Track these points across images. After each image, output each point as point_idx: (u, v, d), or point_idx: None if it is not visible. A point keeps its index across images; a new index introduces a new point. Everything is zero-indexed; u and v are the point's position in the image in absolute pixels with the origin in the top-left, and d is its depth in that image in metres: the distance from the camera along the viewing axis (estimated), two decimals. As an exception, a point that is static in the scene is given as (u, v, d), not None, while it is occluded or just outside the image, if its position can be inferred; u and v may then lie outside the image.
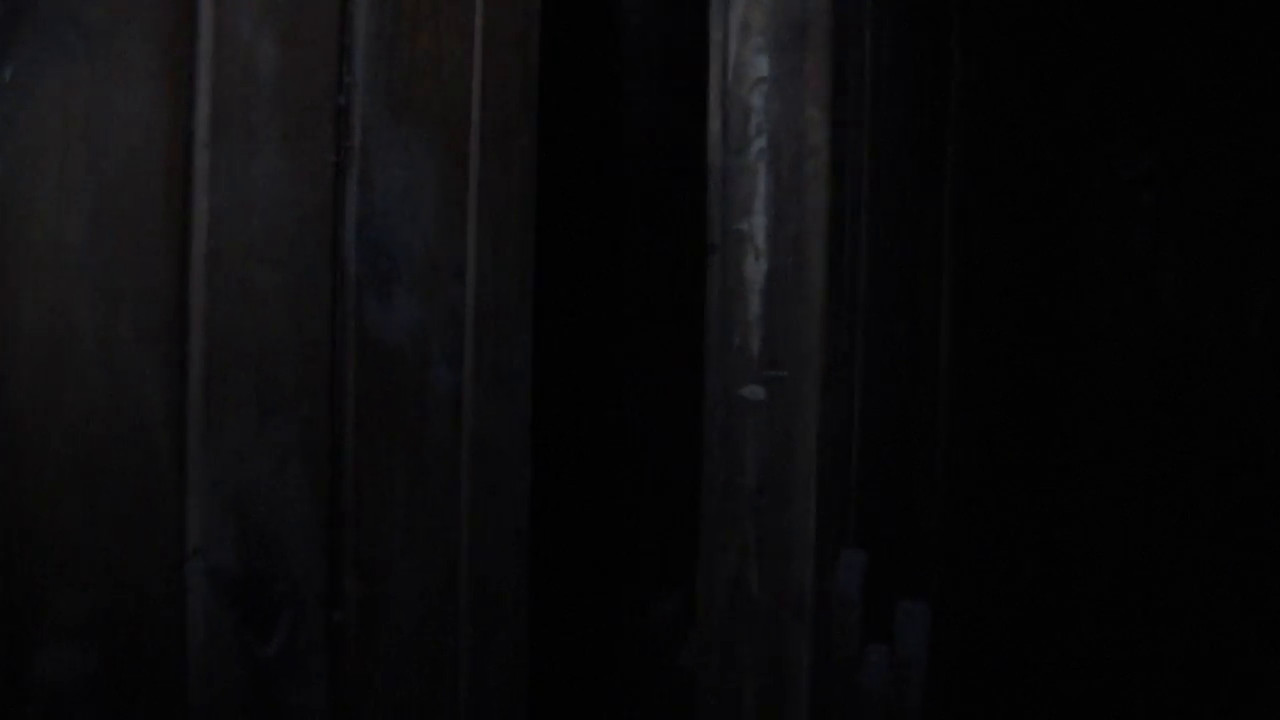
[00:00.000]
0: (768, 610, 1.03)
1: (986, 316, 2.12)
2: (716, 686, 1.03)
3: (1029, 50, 2.32)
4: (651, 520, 2.17)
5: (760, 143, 1.03)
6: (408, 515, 0.87)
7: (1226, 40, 2.38)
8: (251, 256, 0.75)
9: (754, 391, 1.04)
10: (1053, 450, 2.41)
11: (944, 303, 2.09)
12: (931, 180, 1.77)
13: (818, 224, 1.01)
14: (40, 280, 0.62)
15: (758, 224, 1.03)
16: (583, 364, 2.33)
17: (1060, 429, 2.42)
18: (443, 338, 0.88)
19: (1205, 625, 2.13)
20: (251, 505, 0.76)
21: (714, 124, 1.06)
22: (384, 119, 0.83)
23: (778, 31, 1.03)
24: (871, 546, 1.16)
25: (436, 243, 0.87)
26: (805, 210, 1.02)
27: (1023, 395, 2.31)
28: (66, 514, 0.65)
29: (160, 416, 0.71)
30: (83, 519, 0.67)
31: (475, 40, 0.89)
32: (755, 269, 1.03)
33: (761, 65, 1.03)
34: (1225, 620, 1.99)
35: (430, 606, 0.89)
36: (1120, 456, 2.39)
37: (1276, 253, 2.32)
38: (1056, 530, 2.37)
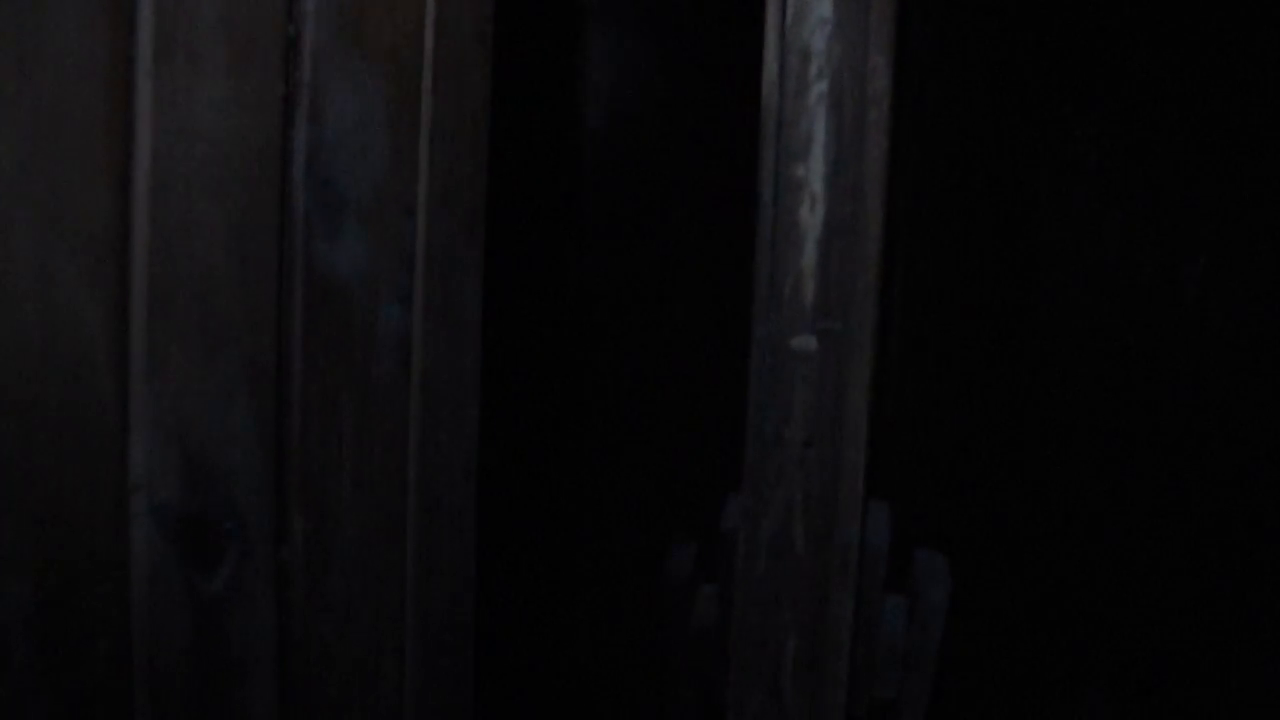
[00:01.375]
0: (811, 566, 1.01)
1: (938, 271, 2.13)
2: (756, 641, 1.03)
3: (980, 11, 2.32)
4: (668, 472, 2.17)
5: (821, 87, 1.00)
6: (356, 452, 0.86)
7: (1175, 3, 2.39)
8: (196, 189, 0.73)
9: (806, 342, 1.01)
10: (998, 403, 2.44)
11: (898, 261, 2.10)
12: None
13: (877, 172, 0.96)
14: (-25, 206, 0.61)
15: (815, 170, 1.00)
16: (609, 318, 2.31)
17: (1006, 383, 2.45)
18: (392, 274, 0.87)
19: (1145, 569, 2.19)
20: (196, 440, 0.76)
21: (770, 65, 1.01)
22: (334, 50, 0.81)
23: None
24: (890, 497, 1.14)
25: (387, 178, 0.86)
26: (865, 158, 1.00)
27: (972, 346, 2.33)
28: (1, 447, 0.65)
29: (102, 349, 0.70)
30: (18, 452, 0.66)
31: (428, -28, 0.87)
32: (811, 217, 1.00)
33: (824, 6, 0.99)
34: (1156, 559, 2.04)
35: (378, 543, 0.89)
36: (1061, 412, 2.43)
37: (1213, 219, 2.35)
38: (1001, 480, 2.41)
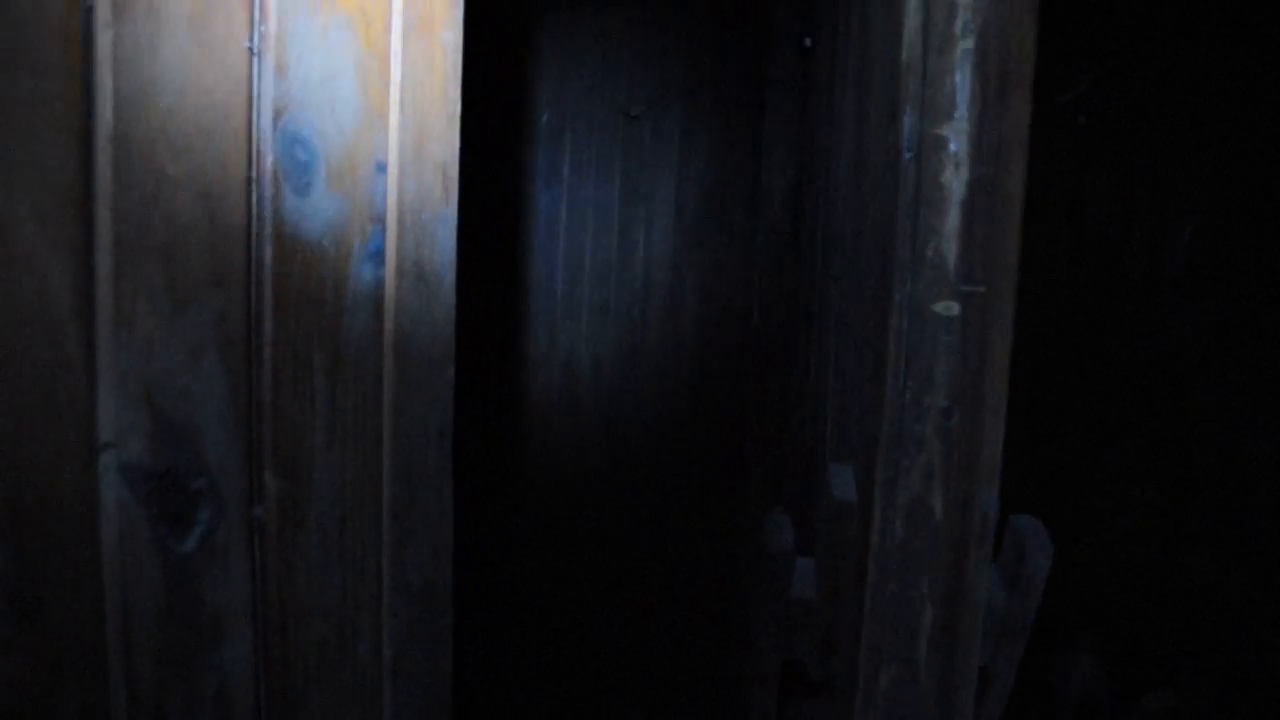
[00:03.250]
0: (950, 534, 0.99)
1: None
2: (891, 611, 1.00)
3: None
4: (764, 447, 2.16)
5: (967, 43, 0.95)
6: (328, 411, 0.86)
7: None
8: (160, 143, 0.72)
9: (948, 306, 0.97)
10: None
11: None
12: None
13: (1020, 134, 0.95)
14: (-69, 156, 0.60)
15: (959, 130, 0.96)
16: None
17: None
18: (364, 232, 0.86)
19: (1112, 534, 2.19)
20: (165, 399, 0.75)
21: (912, 18, 0.96)
22: (301, 3, 0.80)
23: None
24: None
25: (357, 135, 0.85)
26: (1008, 119, 0.96)
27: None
28: (-34, 400, 0.64)
29: (66, 304, 0.69)
30: (-18, 405, 0.65)
31: (396, -75, 0.86)
32: (955, 178, 0.96)
33: None
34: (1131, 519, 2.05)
35: (352, 503, 0.88)
36: (1039, 382, 2.43)
37: (1200, 186, 2.35)
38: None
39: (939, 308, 0.97)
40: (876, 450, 1.00)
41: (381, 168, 0.87)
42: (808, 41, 1.98)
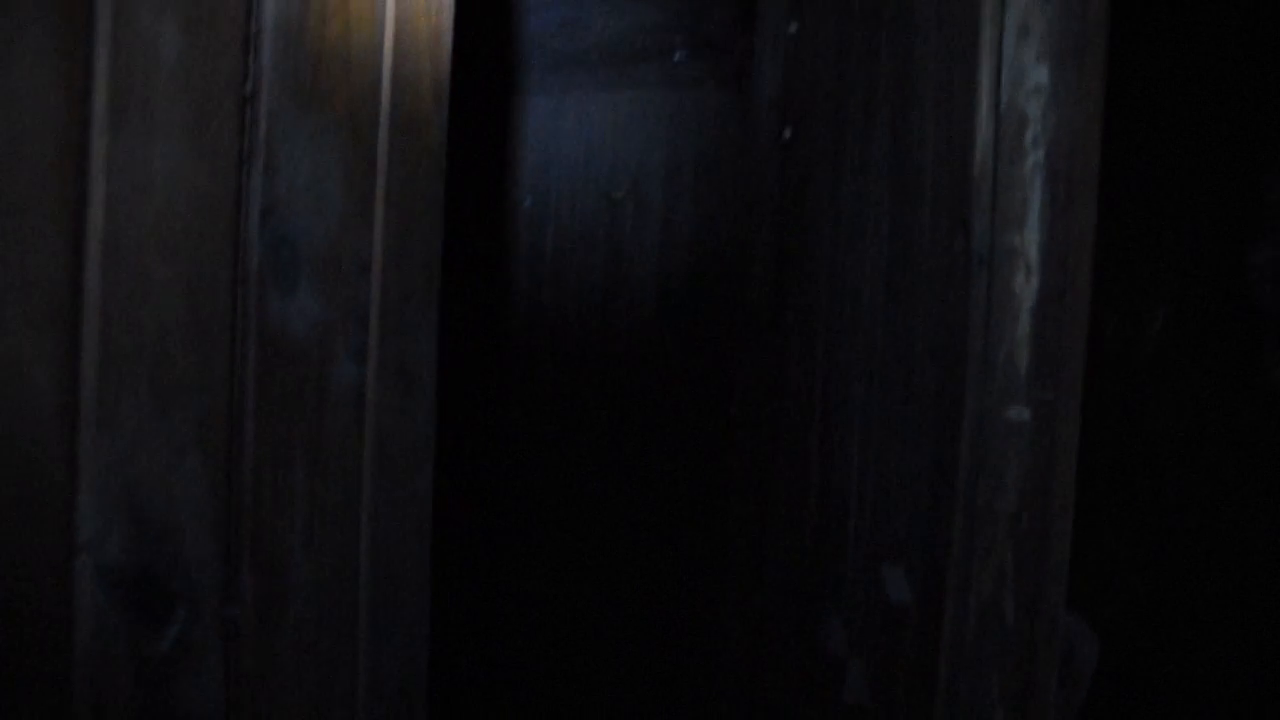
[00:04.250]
0: (1019, 636, 0.99)
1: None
2: (964, 713, 1.00)
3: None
4: (743, 527, 2.15)
5: (1037, 155, 0.98)
6: (308, 509, 0.86)
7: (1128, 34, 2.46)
8: (150, 245, 0.73)
9: (1020, 412, 0.99)
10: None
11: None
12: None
13: (1086, 241, 0.99)
14: (-77, 263, 0.60)
15: (1030, 239, 0.98)
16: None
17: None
18: (347, 331, 0.87)
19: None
20: (145, 499, 0.75)
21: (984, 129, 1.00)
22: (290, 108, 0.82)
23: (1059, 39, 0.98)
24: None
25: (342, 235, 0.86)
26: (1075, 227, 0.99)
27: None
28: (-53, 505, 0.64)
29: (51, 405, 0.69)
30: (-37, 509, 0.65)
31: (386, 33, 0.89)
32: (1026, 285, 0.99)
33: (1041, 74, 0.98)
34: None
35: (329, 601, 0.88)
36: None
37: (1172, 274, 2.40)
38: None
39: (1011, 414, 0.99)
40: (947, 553, 1.01)
41: (365, 267, 0.88)
42: (787, 134, 2.02)
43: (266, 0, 0.80)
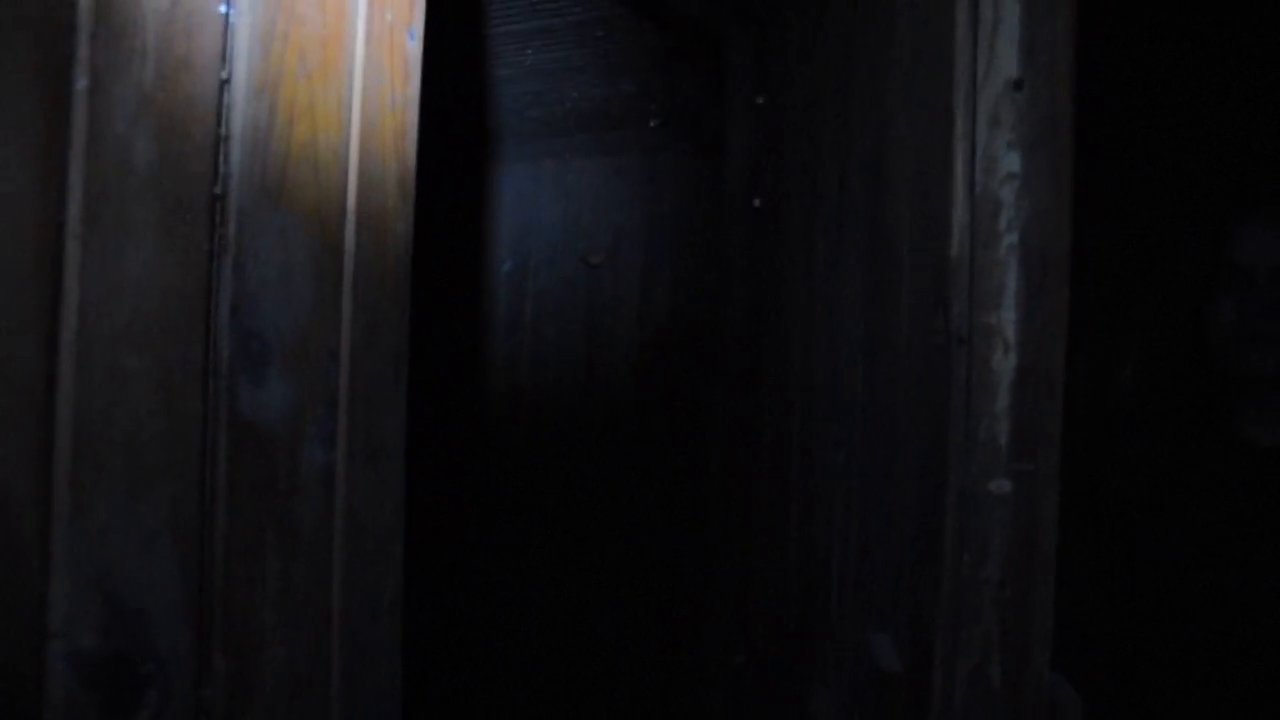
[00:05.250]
0: (1007, 703, 1.02)
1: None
2: None
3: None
4: (725, 589, 2.17)
5: (1011, 238, 1.03)
6: (279, 591, 0.88)
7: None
8: (122, 341, 0.77)
9: (1001, 485, 1.03)
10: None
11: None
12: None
13: (1060, 318, 1.03)
14: (-97, 369, 0.64)
15: (1007, 319, 1.03)
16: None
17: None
18: (316, 417, 0.90)
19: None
20: (117, 585, 0.78)
21: (959, 213, 1.04)
22: (259, 207, 0.86)
23: (1030, 128, 1.03)
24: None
25: (310, 325, 0.90)
26: (1049, 305, 1.03)
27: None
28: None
29: (24, 496, 0.72)
30: (-61, 602, 0.67)
31: (352, 133, 0.93)
32: (1004, 363, 1.03)
33: (1013, 161, 1.03)
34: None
35: (301, 681, 0.90)
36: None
37: (1141, 326, 2.45)
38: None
39: (993, 486, 1.03)
40: (933, 621, 1.04)
41: (334, 355, 0.91)
42: (757, 202, 2.07)
43: (236, 106, 0.84)
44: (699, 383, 2.62)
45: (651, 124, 2.74)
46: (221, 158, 0.84)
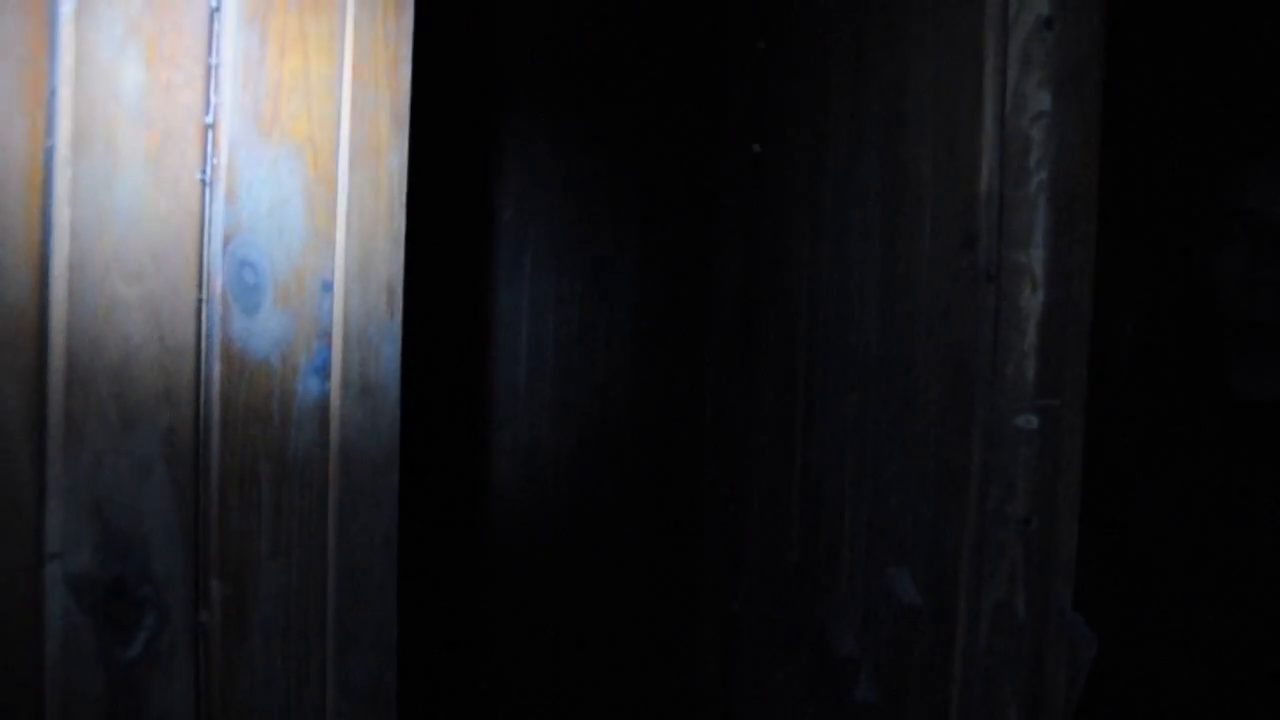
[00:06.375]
0: (1031, 636, 1.04)
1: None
2: (978, 713, 1.04)
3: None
4: (719, 538, 2.19)
5: (1041, 176, 1.03)
6: (274, 521, 0.89)
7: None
8: (114, 268, 0.77)
9: (1028, 420, 1.03)
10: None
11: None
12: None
13: (1088, 257, 1.03)
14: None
15: (1035, 256, 1.03)
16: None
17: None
18: (310, 348, 0.91)
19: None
20: (113, 511, 0.78)
21: (989, 152, 1.04)
22: (251, 137, 0.86)
23: (1059, 67, 1.03)
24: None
25: (304, 257, 0.90)
26: (1077, 244, 1.03)
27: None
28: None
29: (19, 422, 0.73)
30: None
31: (344, 63, 0.92)
32: (1032, 300, 1.03)
33: (1043, 99, 1.02)
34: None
35: (296, 608, 0.91)
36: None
37: (1143, 280, 2.44)
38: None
39: (1020, 421, 1.03)
40: (958, 557, 1.06)
41: (328, 287, 0.92)
42: (757, 148, 2.06)
43: (226, 35, 0.84)
44: (694, 325, 2.63)
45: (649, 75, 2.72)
46: (212, 87, 0.83)
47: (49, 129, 0.73)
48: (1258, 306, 1.77)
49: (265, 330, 0.88)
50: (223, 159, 0.84)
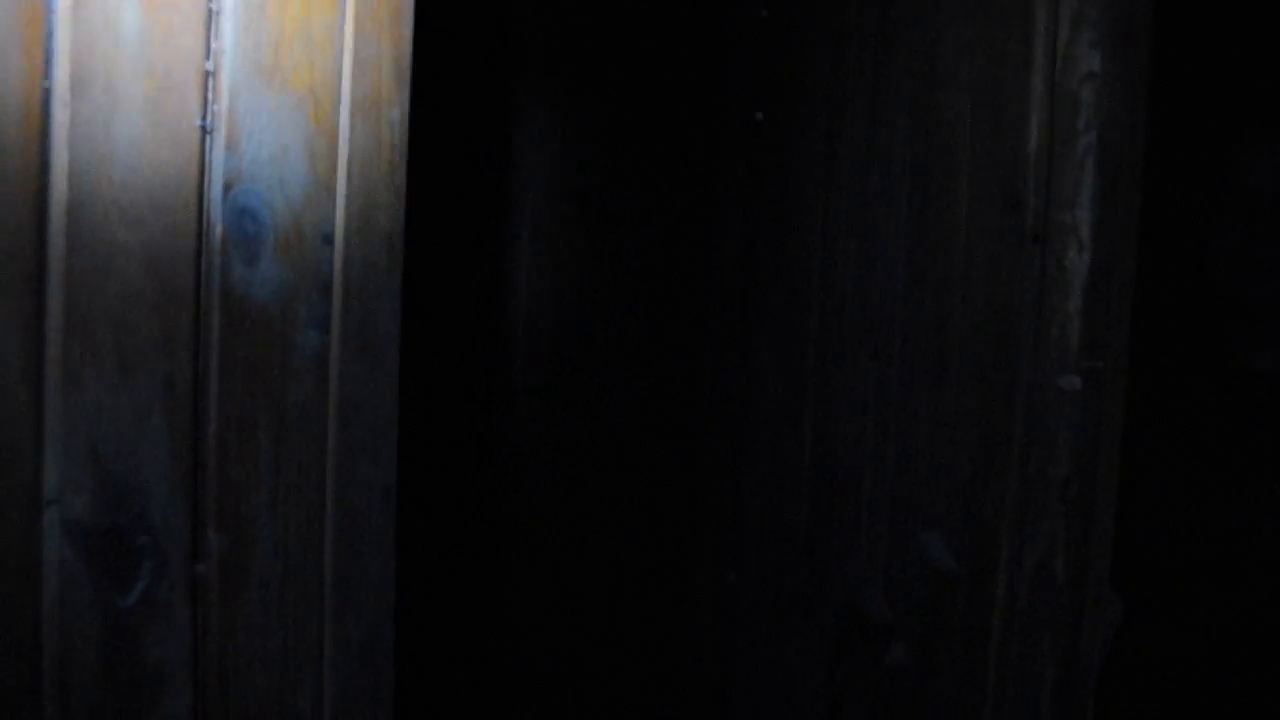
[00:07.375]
0: (1070, 597, 1.04)
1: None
2: (1016, 673, 1.05)
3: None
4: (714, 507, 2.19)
5: (1089, 138, 1.02)
6: (272, 471, 0.89)
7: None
8: (112, 213, 0.76)
9: (1071, 381, 1.03)
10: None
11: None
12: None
13: (1133, 220, 1.03)
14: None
15: (1082, 217, 1.02)
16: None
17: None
18: (309, 300, 0.90)
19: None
20: (111, 458, 0.78)
21: (1038, 111, 1.03)
22: (252, 85, 0.85)
23: (1111, 27, 1.01)
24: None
25: (304, 207, 0.89)
26: (1122, 206, 1.02)
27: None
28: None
29: (17, 366, 0.72)
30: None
31: (346, 14, 0.91)
32: (1079, 261, 1.02)
33: (1094, 60, 1.01)
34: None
35: (295, 560, 0.91)
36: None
37: (1142, 253, 2.44)
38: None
39: (1063, 383, 1.03)
40: (999, 519, 1.06)
41: (328, 239, 0.91)
42: (759, 115, 2.05)
43: (227, -20, 0.83)
44: (691, 287, 2.62)
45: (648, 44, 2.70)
46: (213, 33, 0.82)
47: (46, 71, 0.72)
48: (1255, 284, 1.77)
49: (265, 280, 0.87)
50: (223, 106, 0.83)
